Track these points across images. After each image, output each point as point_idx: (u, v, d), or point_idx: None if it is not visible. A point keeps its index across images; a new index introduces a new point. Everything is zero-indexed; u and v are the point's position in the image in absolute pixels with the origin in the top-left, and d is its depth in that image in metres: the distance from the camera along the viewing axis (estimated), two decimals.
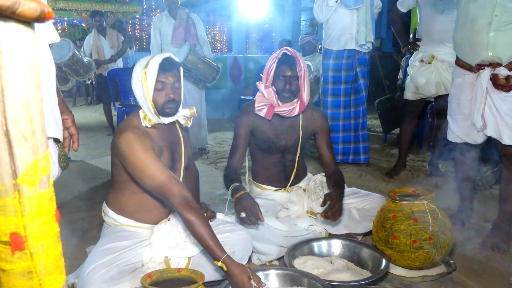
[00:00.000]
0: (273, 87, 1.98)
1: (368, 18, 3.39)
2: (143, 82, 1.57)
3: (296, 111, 2.00)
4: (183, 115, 1.69)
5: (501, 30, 1.93)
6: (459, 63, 2.15)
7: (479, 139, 2.11)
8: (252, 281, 1.39)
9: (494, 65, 1.98)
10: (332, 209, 1.82)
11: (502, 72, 1.94)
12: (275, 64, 1.98)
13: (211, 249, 1.41)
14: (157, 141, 1.64)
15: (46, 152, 0.40)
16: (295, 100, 2.00)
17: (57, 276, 0.43)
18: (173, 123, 1.72)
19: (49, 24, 1.23)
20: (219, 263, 1.39)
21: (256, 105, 2.00)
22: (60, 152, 1.31)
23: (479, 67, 2.03)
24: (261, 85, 2.01)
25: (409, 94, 3.13)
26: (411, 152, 3.98)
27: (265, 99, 1.99)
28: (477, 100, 2.03)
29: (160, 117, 1.62)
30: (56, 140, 1.25)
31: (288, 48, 2.02)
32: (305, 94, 1.99)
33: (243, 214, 1.72)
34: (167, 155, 1.67)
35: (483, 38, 1.97)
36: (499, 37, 1.93)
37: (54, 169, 1.26)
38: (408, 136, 3.26)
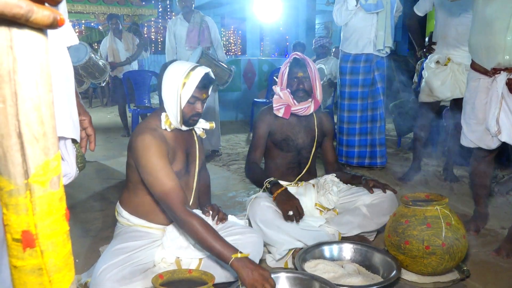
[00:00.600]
0: (288, 89, 2.16)
1: (387, 22, 3.34)
2: (180, 91, 1.60)
3: (312, 109, 2.20)
4: (202, 127, 1.77)
5: None
6: (474, 66, 2.11)
7: (493, 144, 2.07)
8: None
9: (510, 69, 1.94)
10: (381, 184, 2.14)
11: None
12: (287, 68, 2.18)
13: (219, 250, 1.43)
14: (173, 144, 1.67)
15: (57, 153, 0.42)
16: (309, 99, 2.18)
17: (66, 273, 0.44)
18: None
19: (68, 26, 1.26)
20: (239, 254, 1.41)
21: (274, 105, 2.19)
22: (77, 153, 1.34)
23: (495, 71, 1.99)
24: (277, 88, 2.21)
25: (423, 97, 3.07)
26: (425, 156, 3.92)
27: (282, 100, 2.18)
28: (492, 105, 1.99)
29: (182, 125, 1.67)
30: (73, 141, 1.28)
31: (297, 53, 2.22)
32: (318, 93, 2.18)
33: (291, 212, 1.86)
34: (181, 158, 1.70)
35: (500, 41, 1.93)
36: None
37: (73, 169, 1.28)
38: (423, 140, 3.21)
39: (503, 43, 1.92)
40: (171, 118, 1.64)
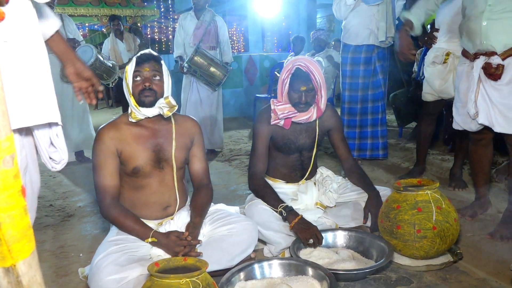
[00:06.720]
0: (288, 104, 2.03)
1: (388, 13, 3.28)
2: (127, 78, 1.70)
3: (314, 117, 2.07)
4: (160, 105, 1.68)
5: (494, 19, 1.93)
6: (463, 51, 2.17)
7: (473, 126, 2.12)
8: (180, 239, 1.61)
9: (489, 54, 1.98)
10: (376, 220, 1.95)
11: (495, 61, 1.95)
12: (288, 79, 2.00)
13: (140, 231, 1.64)
14: (133, 139, 1.70)
15: (8, 134, 0.46)
16: (311, 107, 2.05)
17: (25, 243, 0.49)
18: (167, 121, 1.77)
19: (48, 14, 1.23)
20: (150, 239, 1.63)
21: (272, 120, 2.05)
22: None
23: (475, 56, 2.04)
24: (274, 104, 2.05)
25: (428, 96, 2.86)
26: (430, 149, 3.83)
27: (280, 112, 2.03)
28: (471, 88, 2.05)
29: (140, 108, 1.68)
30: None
31: (301, 62, 1.99)
32: (322, 102, 2.05)
33: (312, 241, 1.85)
34: (143, 154, 1.70)
35: (477, 26, 1.98)
36: (492, 26, 1.94)
37: (65, 155, 1.22)
38: (427, 138, 3.02)
39: (479, 28, 1.97)
40: (131, 107, 1.71)
